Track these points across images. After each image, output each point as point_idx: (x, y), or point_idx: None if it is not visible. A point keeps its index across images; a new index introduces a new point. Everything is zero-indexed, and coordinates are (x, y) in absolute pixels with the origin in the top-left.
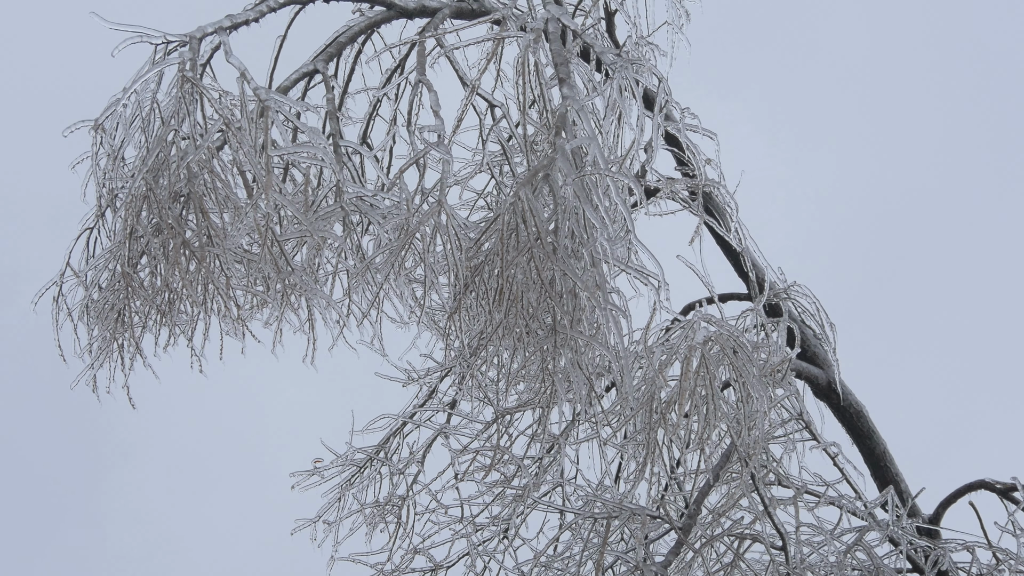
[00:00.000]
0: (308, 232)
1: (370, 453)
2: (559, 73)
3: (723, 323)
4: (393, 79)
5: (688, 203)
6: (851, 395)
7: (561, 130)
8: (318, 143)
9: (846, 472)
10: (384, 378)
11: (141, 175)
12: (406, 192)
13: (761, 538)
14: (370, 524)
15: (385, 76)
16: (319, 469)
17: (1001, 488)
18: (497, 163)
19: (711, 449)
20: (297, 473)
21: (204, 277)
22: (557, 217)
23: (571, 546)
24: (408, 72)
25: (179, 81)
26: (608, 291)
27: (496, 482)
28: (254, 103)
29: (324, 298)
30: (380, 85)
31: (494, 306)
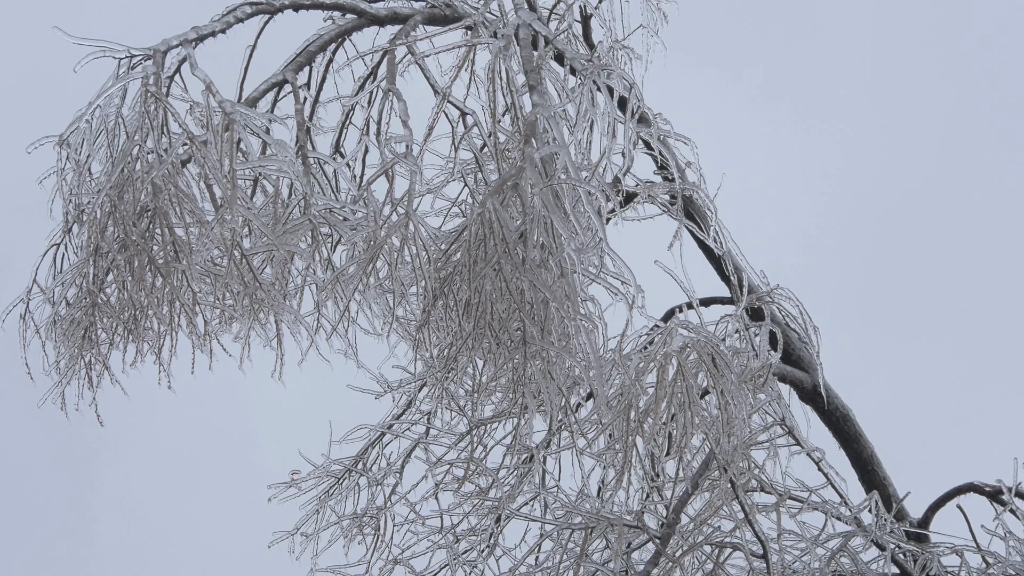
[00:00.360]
0: (274, 245)
1: (348, 464)
2: (529, 80)
3: (701, 329)
4: (365, 87)
5: (668, 207)
6: (837, 399)
7: (531, 138)
8: (284, 155)
9: (831, 477)
10: (357, 390)
11: (105, 192)
12: (373, 204)
13: (741, 546)
14: (347, 536)
15: (358, 84)
16: (296, 481)
17: (990, 491)
18: (470, 171)
19: (690, 457)
20: (274, 485)
21: (169, 293)
22: (525, 227)
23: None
24: (380, 80)
25: (143, 95)
26: (582, 299)
27: (471, 494)
28: (220, 116)
29: (292, 312)
30: (352, 93)
31: (463, 317)
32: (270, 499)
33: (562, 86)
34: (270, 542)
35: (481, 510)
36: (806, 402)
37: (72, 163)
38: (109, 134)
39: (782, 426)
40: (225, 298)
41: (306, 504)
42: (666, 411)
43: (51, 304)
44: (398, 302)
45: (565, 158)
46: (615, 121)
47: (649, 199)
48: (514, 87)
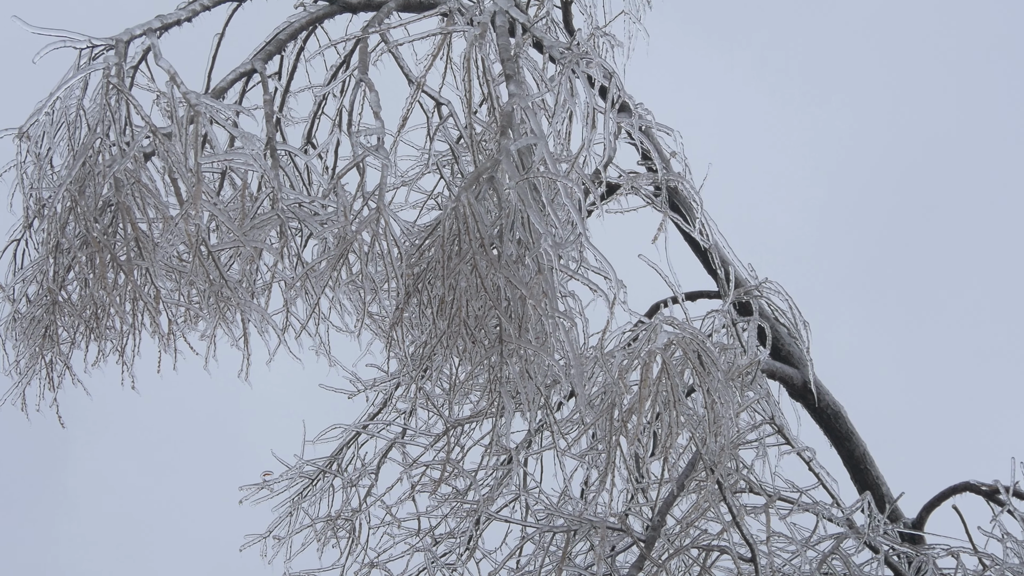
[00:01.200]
0: (240, 241)
1: (321, 465)
2: (506, 69)
3: (686, 325)
4: (338, 76)
5: (652, 199)
6: (828, 395)
7: (507, 129)
8: (252, 148)
9: (822, 477)
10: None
11: (65, 186)
12: (343, 198)
13: (729, 549)
14: (321, 539)
15: (330, 73)
16: (268, 482)
17: (986, 490)
18: (446, 163)
19: (676, 457)
20: (246, 487)
21: (132, 291)
22: (501, 222)
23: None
24: (353, 68)
25: (104, 87)
26: (561, 296)
27: (448, 496)
28: (185, 108)
29: (259, 311)
30: (324, 83)
31: (437, 315)
32: (242, 501)
33: (540, 75)
34: (242, 545)
35: (460, 512)
36: (796, 399)
37: (32, 156)
38: (70, 127)
39: (771, 424)
40: (190, 296)
41: (279, 506)
42: (651, 410)
43: (11, 302)
44: (371, 299)
45: (543, 150)
46: (595, 111)
47: (633, 190)
48: (491, 76)
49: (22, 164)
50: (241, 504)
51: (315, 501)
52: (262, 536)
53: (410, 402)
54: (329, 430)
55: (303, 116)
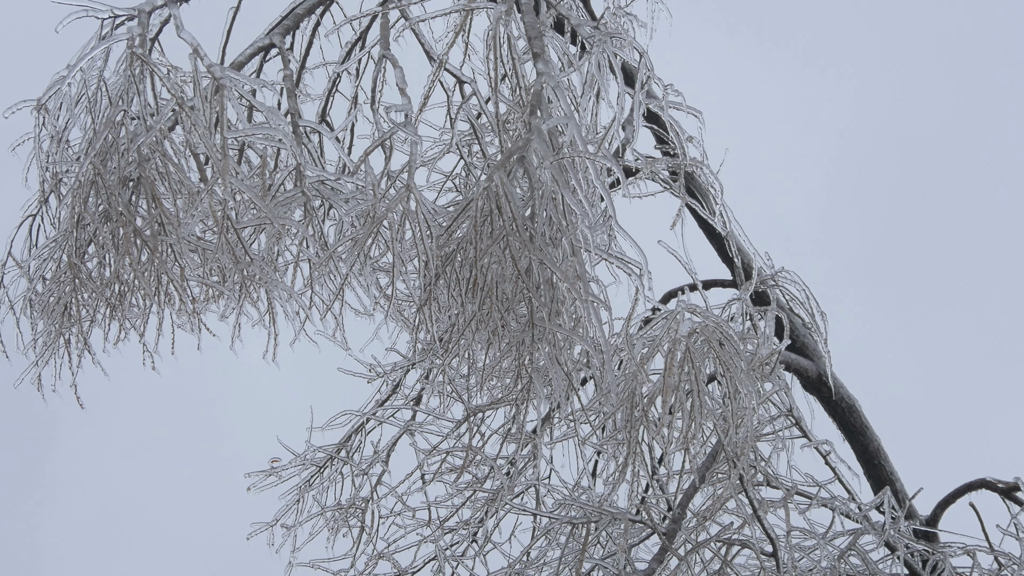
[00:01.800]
0: (268, 219)
1: (331, 452)
2: (533, 47)
3: (708, 313)
4: (353, 53)
5: (669, 184)
6: (843, 388)
7: (536, 109)
8: (277, 123)
9: (839, 472)
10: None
11: (89, 159)
12: (372, 175)
13: (751, 544)
14: (332, 528)
15: (345, 50)
16: (276, 469)
17: (1003, 488)
18: (466, 143)
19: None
20: (253, 474)
21: (157, 267)
22: (534, 203)
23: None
24: (370, 46)
25: (128, 58)
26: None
27: (468, 484)
28: (208, 81)
29: (286, 289)
30: (340, 60)
31: (466, 297)
32: (249, 488)
33: (565, 54)
34: (248, 534)
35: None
36: (810, 392)
37: (50, 129)
38: (91, 100)
39: (789, 417)
40: (211, 274)
41: (285, 495)
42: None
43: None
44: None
45: (573, 130)
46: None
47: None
48: (515, 54)
49: (38, 137)
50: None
51: (323, 490)
52: (269, 524)
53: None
54: (339, 416)
55: (318, 94)
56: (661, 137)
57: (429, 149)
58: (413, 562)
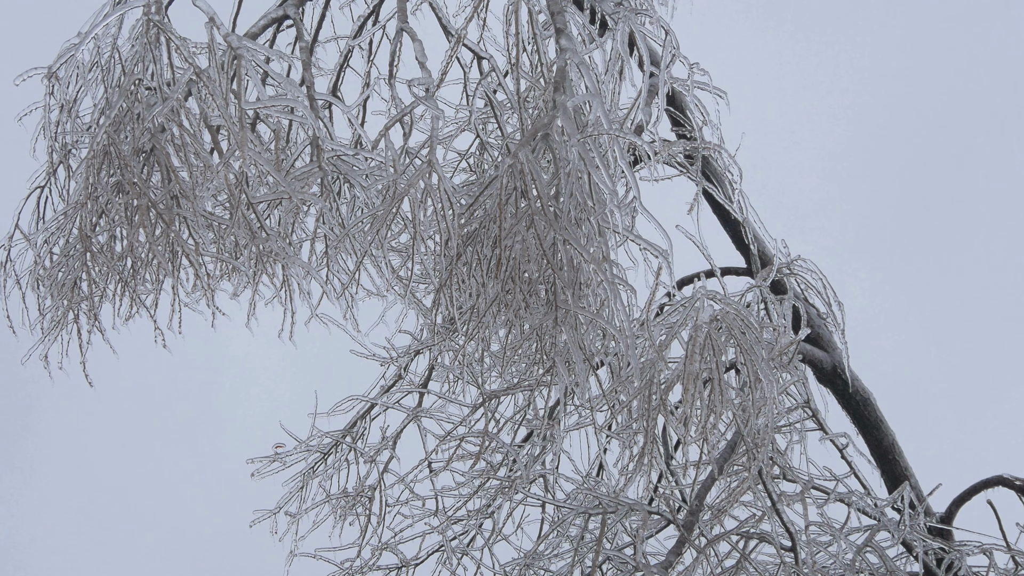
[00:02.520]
0: (286, 194)
1: (336, 438)
2: (555, 23)
3: (729, 300)
4: (367, 28)
5: (686, 168)
6: (858, 381)
7: (560, 86)
8: (295, 94)
9: (855, 466)
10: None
11: (104, 129)
12: (392, 150)
13: (770, 538)
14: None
15: (358, 24)
16: (280, 455)
17: (1021, 485)
18: (482, 121)
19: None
20: (256, 460)
21: (172, 242)
22: (559, 181)
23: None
24: (385, 20)
25: (144, 25)
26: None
27: (481, 471)
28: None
29: (303, 266)
30: (352, 34)
31: (488, 277)
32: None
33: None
34: (252, 521)
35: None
36: (824, 384)
37: (59, 98)
38: (104, 68)
39: (806, 409)
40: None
41: (289, 481)
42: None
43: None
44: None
45: (598, 109)
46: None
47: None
48: (536, 30)
49: (48, 107)
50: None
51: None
52: (272, 512)
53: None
54: (345, 400)
55: (329, 68)
56: (676, 120)
57: (444, 127)
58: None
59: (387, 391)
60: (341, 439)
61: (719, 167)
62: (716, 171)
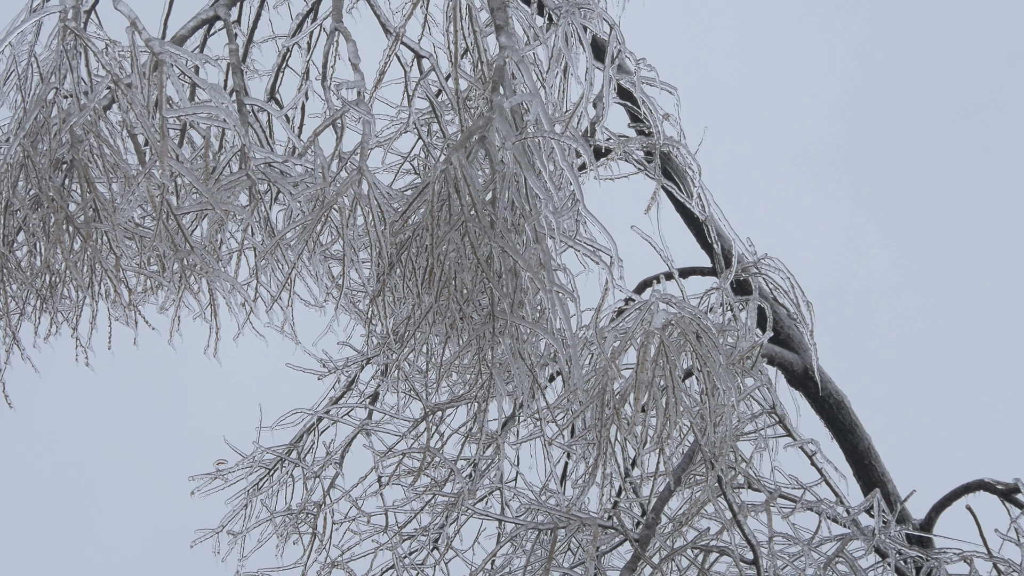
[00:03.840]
0: (209, 204)
1: (280, 453)
2: (495, 19)
3: (684, 303)
4: (305, 26)
5: (644, 165)
6: (831, 383)
7: (499, 85)
8: (220, 101)
9: (826, 473)
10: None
11: (19, 140)
12: (321, 158)
13: (730, 550)
14: (281, 535)
15: (296, 22)
16: (222, 472)
17: (1003, 489)
18: (425, 122)
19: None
20: (197, 477)
21: (90, 257)
22: (495, 186)
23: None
24: (322, 18)
25: (60, 32)
26: (553, 269)
27: (426, 487)
28: (146, 56)
29: (228, 280)
30: (290, 33)
31: (423, 287)
32: (193, 492)
33: (531, 26)
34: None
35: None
36: (795, 387)
37: None
38: (21, 76)
39: (772, 415)
40: (150, 263)
41: (232, 499)
42: (647, 396)
43: None
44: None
45: (538, 108)
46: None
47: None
48: (477, 27)
49: None
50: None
51: (272, 493)
52: (215, 531)
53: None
54: (289, 415)
55: (267, 69)
56: (636, 115)
57: (385, 128)
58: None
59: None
60: (286, 455)
61: (680, 163)
62: (678, 168)
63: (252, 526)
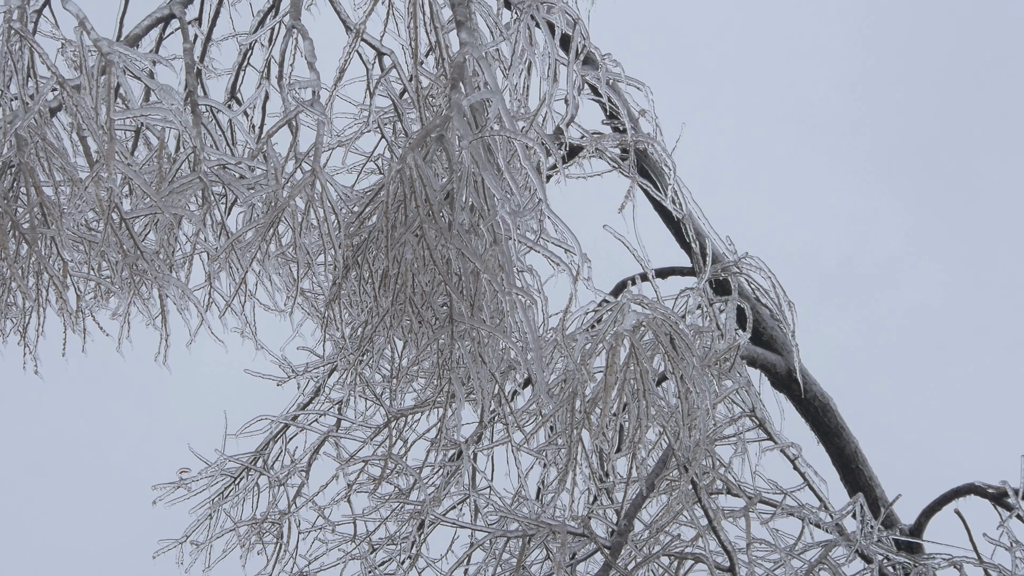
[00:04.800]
0: (159, 208)
1: (245, 462)
2: (457, 15)
3: (657, 304)
4: (266, 22)
5: (618, 162)
6: (815, 385)
7: (458, 83)
8: (170, 103)
9: (808, 477)
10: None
11: None
12: (275, 159)
13: (704, 557)
14: (245, 545)
15: (257, 19)
16: (185, 481)
17: (993, 493)
18: (387, 120)
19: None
20: (160, 486)
21: (36, 264)
22: (452, 186)
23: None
24: (283, 14)
25: (5, 32)
26: (519, 270)
27: (389, 496)
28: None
29: (178, 286)
30: (251, 30)
31: (379, 291)
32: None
33: (495, 22)
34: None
35: (402, 515)
36: (779, 389)
37: None
38: None
39: (752, 418)
40: (101, 269)
41: (197, 508)
42: (617, 400)
43: None
44: (303, 274)
45: (498, 106)
46: (557, 63)
47: (597, 153)
48: (439, 23)
49: None
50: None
51: (238, 502)
52: (178, 541)
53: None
54: (254, 422)
55: (226, 68)
56: (611, 112)
57: (347, 127)
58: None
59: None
60: (251, 463)
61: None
62: (654, 165)
63: (216, 535)
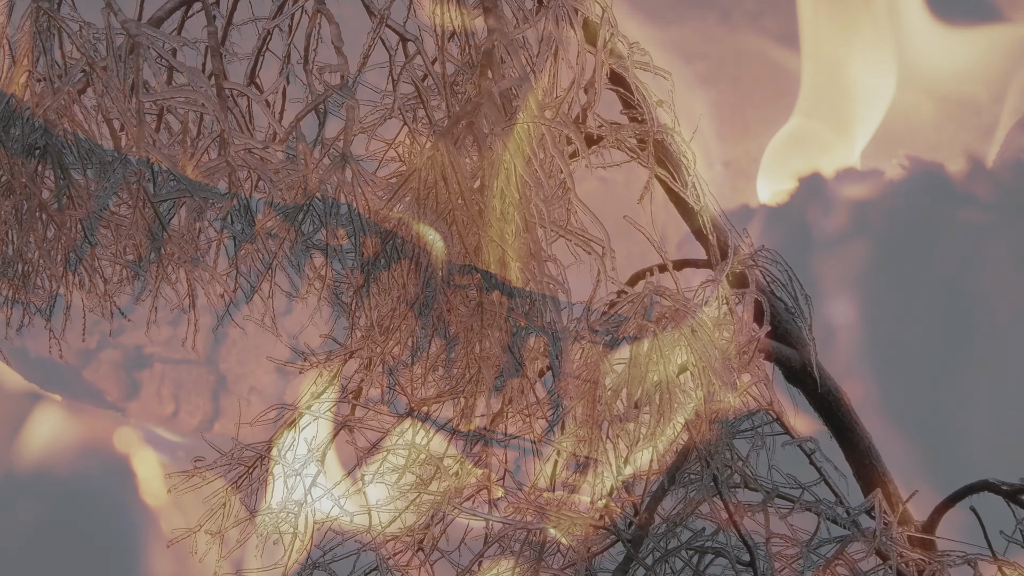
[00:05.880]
0: (188, 191)
1: (260, 450)
2: (484, 0)
3: (680, 296)
4: (286, 8)
5: (637, 153)
6: (830, 379)
7: (487, 70)
8: (199, 85)
9: (825, 472)
10: (278, 363)
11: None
12: (303, 144)
13: (726, 552)
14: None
15: (277, 4)
16: (199, 469)
17: (1008, 490)
18: (410, 107)
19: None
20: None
21: (65, 245)
22: (483, 174)
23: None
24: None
25: (33, 12)
26: (544, 259)
27: (411, 485)
28: (122, 38)
29: (207, 270)
30: (271, 15)
31: (408, 278)
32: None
33: (520, 8)
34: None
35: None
36: (794, 383)
37: None
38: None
39: (769, 412)
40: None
41: (210, 497)
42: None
43: None
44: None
45: (526, 93)
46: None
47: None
48: (465, 9)
49: None
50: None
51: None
52: (192, 531)
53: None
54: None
55: (246, 53)
56: (629, 102)
57: (370, 114)
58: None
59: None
60: (266, 452)
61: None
62: (672, 156)
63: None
